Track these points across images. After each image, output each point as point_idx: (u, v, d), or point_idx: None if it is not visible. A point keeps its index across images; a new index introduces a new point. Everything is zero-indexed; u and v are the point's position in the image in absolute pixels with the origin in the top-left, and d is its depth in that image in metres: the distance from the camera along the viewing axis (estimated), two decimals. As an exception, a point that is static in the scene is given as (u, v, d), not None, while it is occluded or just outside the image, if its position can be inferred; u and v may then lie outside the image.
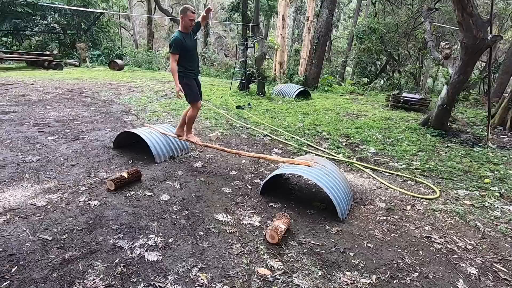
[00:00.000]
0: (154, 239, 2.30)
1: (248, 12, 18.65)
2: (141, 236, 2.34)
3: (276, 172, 3.15)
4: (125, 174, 3.14)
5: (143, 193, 3.04)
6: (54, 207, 2.65)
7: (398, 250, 2.40)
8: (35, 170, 3.39)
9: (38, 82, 9.73)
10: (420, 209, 3.11)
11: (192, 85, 3.69)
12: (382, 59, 20.43)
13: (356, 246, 2.41)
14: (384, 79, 21.33)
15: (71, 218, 2.50)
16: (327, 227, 2.65)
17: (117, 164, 3.76)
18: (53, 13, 16.97)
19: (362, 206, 3.12)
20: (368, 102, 10.05)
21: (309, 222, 2.73)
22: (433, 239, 2.58)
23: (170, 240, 2.30)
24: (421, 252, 2.40)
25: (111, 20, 20.63)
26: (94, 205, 2.73)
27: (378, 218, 2.90)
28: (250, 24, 10.52)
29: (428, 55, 16.51)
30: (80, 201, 2.78)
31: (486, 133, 5.80)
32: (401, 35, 14.25)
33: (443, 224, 2.85)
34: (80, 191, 2.97)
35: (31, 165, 3.52)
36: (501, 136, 6.52)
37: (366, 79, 19.67)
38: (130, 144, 4.43)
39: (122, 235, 2.32)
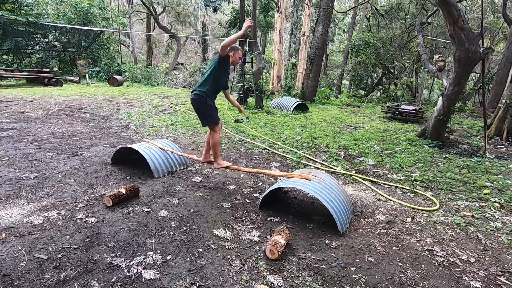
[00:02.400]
0: (151, 256, 2.26)
1: (246, 28, 19.07)
2: (139, 253, 2.30)
3: (275, 186, 3.14)
4: (123, 190, 3.12)
5: (141, 209, 3.01)
6: (50, 225, 2.62)
7: (400, 264, 2.37)
8: (32, 187, 3.36)
9: (37, 98, 9.79)
10: (420, 221, 3.09)
11: (215, 107, 3.49)
12: (377, 72, 20.78)
13: (357, 260, 2.38)
14: (381, 91, 21.62)
15: (68, 236, 2.46)
16: (327, 241, 2.62)
17: (115, 180, 3.74)
18: (54, 31, 17.28)
19: (362, 219, 3.10)
20: (365, 114, 10.14)
21: (309, 236, 2.70)
22: (434, 252, 2.55)
23: (168, 257, 2.27)
24: (423, 265, 2.36)
25: (111, 37, 21.01)
26: (91, 222, 2.70)
27: (378, 231, 2.87)
28: (248, 39, 10.74)
29: (422, 67, 16.84)
30: (77, 218, 2.75)
31: (483, 144, 5.83)
32: (396, 48, 14.56)
33: (444, 237, 2.82)
34: (77, 208, 2.94)
35: (28, 182, 3.50)
36: (498, 146, 6.55)
37: (363, 91, 19.94)
38: (128, 160, 4.43)
39: (119, 253, 2.28)
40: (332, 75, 25.45)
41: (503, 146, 6.59)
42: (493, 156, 5.63)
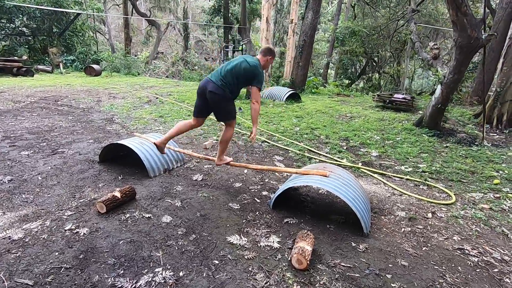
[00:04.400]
0: (161, 273, 1.93)
1: (230, 15, 18.38)
2: (145, 270, 1.96)
3: (289, 184, 2.86)
4: (117, 194, 2.73)
5: (140, 215, 2.64)
6: (34, 239, 2.21)
7: (436, 267, 2.18)
8: (7, 193, 2.89)
9: (6, 90, 8.90)
10: (442, 217, 2.93)
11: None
12: (362, 61, 20.79)
13: (390, 265, 2.16)
14: (364, 80, 21.71)
15: (57, 253, 2.07)
16: (354, 244, 2.39)
17: (106, 181, 3.32)
18: (21, 16, 15.83)
19: (382, 217, 2.90)
20: (356, 104, 10.02)
21: (332, 239, 2.46)
22: (466, 251, 2.39)
23: (181, 274, 1.95)
24: (459, 267, 2.19)
25: (86, 24, 19.60)
26: (84, 233, 2.31)
27: (402, 229, 2.68)
28: (238, 26, 10.24)
29: (406, 56, 16.98)
30: (66, 230, 2.35)
31: (481, 132, 5.83)
32: (384, 37, 14.49)
33: (470, 233, 2.68)
34: (65, 217, 2.54)
35: (2, 187, 3.02)
36: (491, 134, 6.60)
37: (347, 80, 19.90)
38: (117, 157, 3.99)
39: (122, 272, 1.93)
40: (317, 64, 25.26)
41: (495, 134, 6.65)
42: (490, 144, 5.64)
